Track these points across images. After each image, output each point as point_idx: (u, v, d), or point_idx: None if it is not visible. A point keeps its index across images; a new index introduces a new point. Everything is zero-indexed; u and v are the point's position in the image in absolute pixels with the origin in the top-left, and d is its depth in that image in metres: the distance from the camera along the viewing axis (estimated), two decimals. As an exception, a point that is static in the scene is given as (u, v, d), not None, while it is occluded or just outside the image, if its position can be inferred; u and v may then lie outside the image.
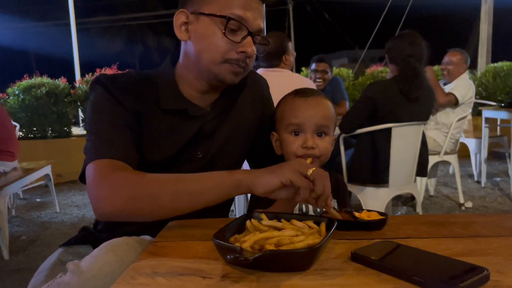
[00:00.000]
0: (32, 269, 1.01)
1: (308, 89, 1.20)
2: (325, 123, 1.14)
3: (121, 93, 1.08)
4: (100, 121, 1.06)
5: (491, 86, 6.79)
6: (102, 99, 1.08)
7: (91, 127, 1.06)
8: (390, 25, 8.01)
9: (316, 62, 4.17)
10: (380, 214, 0.95)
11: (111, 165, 0.99)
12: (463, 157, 4.91)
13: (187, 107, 1.13)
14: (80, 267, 0.84)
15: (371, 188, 2.69)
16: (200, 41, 1.07)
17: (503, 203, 3.93)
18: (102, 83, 1.09)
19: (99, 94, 1.09)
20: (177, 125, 1.13)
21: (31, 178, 3.53)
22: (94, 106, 1.08)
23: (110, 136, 1.03)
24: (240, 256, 0.66)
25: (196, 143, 1.15)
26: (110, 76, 1.12)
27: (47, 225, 3.77)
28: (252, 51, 1.06)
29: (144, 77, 1.15)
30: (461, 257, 0.72)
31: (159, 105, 1.11)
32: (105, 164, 0.99)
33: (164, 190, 0.93)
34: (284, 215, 0.88)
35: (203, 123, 1.15)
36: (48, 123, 5.97)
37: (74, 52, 6.88)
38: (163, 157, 1.13)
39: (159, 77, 1.15)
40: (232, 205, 1.39)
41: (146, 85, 1.13)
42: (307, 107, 1.14)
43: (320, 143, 1.13)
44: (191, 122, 1.14)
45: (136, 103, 1.09)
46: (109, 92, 1.08)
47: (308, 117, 1.13)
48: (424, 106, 2.74)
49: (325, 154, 1.14)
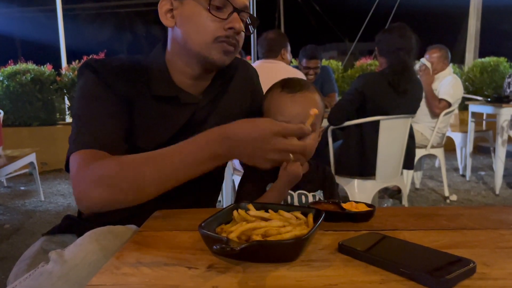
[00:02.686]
0: (16, 258, 0.99)
1: (296, 81, 1.16)
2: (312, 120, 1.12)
3: (112, 78, 1.06)
4: (87, 107, 1.04)
5: (478, 81, 6.86)
6: (91, 83, 1.06)
7: (78, 112, 1.04)
8: (380, 18, 8.02)
9: (308, 59, 4.06)
10: (367, 205, 0.95)
11: (92, 156, 0.96)
12: (449, 151, 4.96)
13: (178, 94, 1.11)
14: (63, 256, 0.82)
15: (359, 180, 2.70)
16: (187, 25, 1.06)
17: (487, 196, 3.98)
18: (91, 67, 1.07)
19: (89, 79, 1.06)
20: (169, 112, 1.12)
21: (15, 166, 3.48)
22: (83, 91, 1.06)
23: (96, 123, 1.01)
24: (226, 247, 0.65)
25: (188, 130, 1.13)
26: (100, 60, 1.10)
27: (31, 213, 3.72)
28: (240, 27, 1.05)
29: (135, 62, 1.13)
30: (448, 249, 0.72)
31: (151, 91, 1.10)
32: (87, 155, 0.96)
33: (144, 170, 0.91)
34: (272, 205, 0.87)
35: (195, 111, 1.14)
36: (33, 110, 5.88)
37: (60, 38, 6.77)
38: (155, 144, 1.10)
39: (150, 64, 1.13)
40: (220, 195, 1.37)
41: (137, 71, 1.11)
42: (294, 104, 1.11)
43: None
44: (182, 109, 1.13)
45: (127, 88, 1.07)
46: (99, 76, 1.06)
47: (295, 115, 1.09)
48: (413, 99, 2.75)
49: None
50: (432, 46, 4.04)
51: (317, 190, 1.16)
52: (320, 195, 1.16)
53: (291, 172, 1.09)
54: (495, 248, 0.75)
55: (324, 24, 12.45)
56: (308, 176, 1.17)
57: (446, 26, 13.54)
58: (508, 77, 4.97)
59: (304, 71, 4.06)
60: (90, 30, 16.15)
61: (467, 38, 7.59)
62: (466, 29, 7.61)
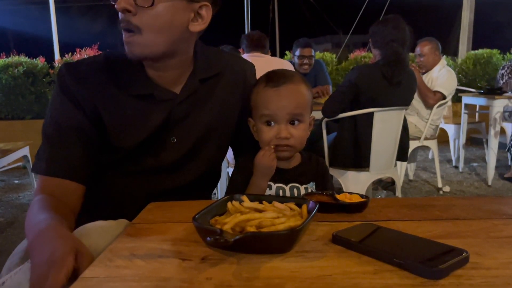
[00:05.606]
0: (9, 251, 0.99)
1: (280, 74, 1.14)
2: (298, 112, 1.10)
3: (79, 85, 1.07)
4: (52, 126, 1.08)
5: (471, 73, 6.88)
6: (55, 98, 1.09)
7: (44, 129, 1.09)
8: (374, 10, 7.99)
9: (302, 47, 4.10)
10: (361, 196, 0.95)
11: (43, 186, 1.04)
12: (442, 143, 4.98)
13: (153, 92, 1.09)
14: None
15: (352, 172, 2.71)
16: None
17: (479, 187, 4.01)
18: (60, 76, 1.09)
19: (55, 93, 1.10)
20: (145, 110, 1.10)
21: (9, 159, 3.45)
22: (50, 106, 1.10)
23: (57, 148, 1.06)
24: (220, 238, 0.65)
25: (168, 128, 1.12)
26: (71, 65, 1.11)
27: (25, 207, 3.70)
28: (118, 5, 0.95)
29: (113, 61, 1.11)
30: (441, 239, 0.73)
31: (126, 90, 1.08)
32: (41, 183, 1.05)
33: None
34: (266, 197, 0.87)
35: (172, 107, 1.11)
36: (26, 103, 5.83)
37: (53, 31, 6.69)
38: (132, 143, 1.10)
39: (127, 61, 1.07)
40: (215, 188, 1.37)
41: (112, 70, 1.10)
42: (278, 98, 1.10)
43: (294, 132, 1.11)
44: (159, 106, 1.10)
45: (97, 91, 1.07)
46: (63, 88, 1.07)
47: (280, 107, 1.09)
48: (406, 91, 2.75)
49: (299, 142, 1.12)
50: (422, 39, 4.05)
51: (309, 182, 1.16)
52: (312, 187, 1.16)
53: (262, 164, 1.08)
54: (487, 238, 0.76)
55: (318, 16, 12.40)
56: (300, 168, 1.17)
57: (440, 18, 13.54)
58: (502, 69, 4.99)
59: (298, 61, 4.08)
60: (83, 22, 16.00)
61: (460, 30, 7.60)
62: (460, 21, 7.61)
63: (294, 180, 1.15)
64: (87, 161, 1.09)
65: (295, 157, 1.18)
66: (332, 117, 2.68)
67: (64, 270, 0.69)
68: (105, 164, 1.14)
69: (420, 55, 3.96)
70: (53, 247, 0.75)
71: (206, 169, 1.22)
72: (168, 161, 1.15)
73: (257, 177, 1.10)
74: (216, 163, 1.29)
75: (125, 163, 1.14)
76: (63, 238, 0.79)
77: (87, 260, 0.73)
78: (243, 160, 1.17)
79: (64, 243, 0.76)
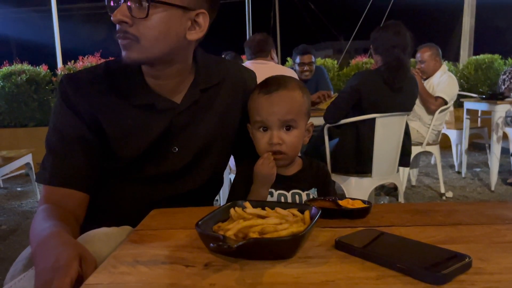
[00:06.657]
0: (13, 259, 1.00)
1: (274, 81, 1.14)
2: (289, 118, 1.10)
3: (79, 96, 1.08)
4: (54, 136, 1.09)
5: (472, 78, 6.87)
6: (57, 109, 1.10)
7: (47, 139, 1.10)
8: (375, 16, 8.02)
9: (301, 54, 4.09)
10: (363, 202, 0.95)
11: (48, 195, 1.05)
12: (445, 148, 4.97)
13: (153, 101, 1.09)
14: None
15: (355, 178, 2.71)
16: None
17: (482, 193, 4.00)
18: (61, 88, 1.10)
19: (56, 103, 1.11)
20: (146, 120, 1.10)
21: (12, 166, 3.46)
22: (52, 117, 1.11)
23: (59, 154, 1.07)
24: (223, 244, 0.65)
25: (169, 137, 1.12)
26: (71, 76, 1.12)
27: (28, 214, 3.71)
28: (114, 17, 0.96)
29: (113, 71, 1.11)
30: (444, 244, 0.73)
31: (127, 100, 1.09)
32: (46, 192, 1.06)
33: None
34: (268, 203, 0.87)
35: (173, 116, 1.11)
36: (29, 111, 5.85)
37: (55, 38, 6.73)
38: (134, 153, 1.11)
39: (126, 69, 1.09)
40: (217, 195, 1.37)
41: (112, 80, 1.10)
42: (269, 104, 1.10)
43: (286, 138, 1.11)
44: (160, 116, 1.10)
45: (97, 102, 1.08)
46: (65, 99, 1.08)
47: (271, 114, 1.10)
48: (408, 97, 2.76)
49: (292, 148, 1.12)
50: (422, 45, 4.05)
51: (311, 188, 1.16)
52: (314, 193, 1.16)
53: (262, 172, 1.09)
54: (490, 243, 0.76)
55: (319, 22, 12.45)
56: (300, 174, 1.17)
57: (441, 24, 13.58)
58: (503, 74, 4.99)
59: (299, 68, 4.09)
60: (85, 30, 16.08)
61: (461, 35, 7.61)
62: (460, 26, 7.62)
63: (295, 187, 1.15)
64: (90, 170, 1.10)
65: (296, 163, 1.18)
66: (334, 123, 2.68)
67: (69, 277, 0.69)
68: (107, 172, 1.14)
69: (420, 62, 3.97)
70: (58, 254, 0.76)
71: (209, 177, 1.22)
72: (170, 170, 1.15)
73: (258, 185, 1.11)
74: (219, 171, 1.29)
75: (127, 172, 1.14)
76: (67, 244, 0.80)
77: (91, 267, 0.74)
78: (244, 168, 1.17)
79: (69, 250, 0.77)
